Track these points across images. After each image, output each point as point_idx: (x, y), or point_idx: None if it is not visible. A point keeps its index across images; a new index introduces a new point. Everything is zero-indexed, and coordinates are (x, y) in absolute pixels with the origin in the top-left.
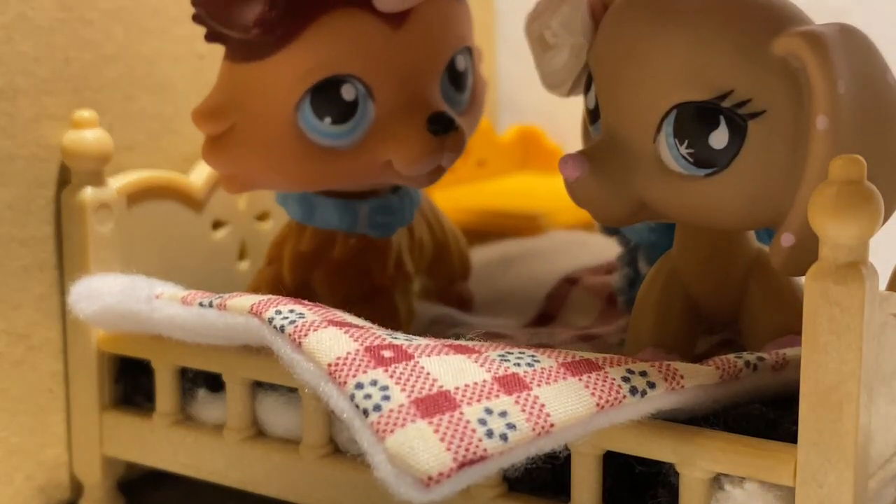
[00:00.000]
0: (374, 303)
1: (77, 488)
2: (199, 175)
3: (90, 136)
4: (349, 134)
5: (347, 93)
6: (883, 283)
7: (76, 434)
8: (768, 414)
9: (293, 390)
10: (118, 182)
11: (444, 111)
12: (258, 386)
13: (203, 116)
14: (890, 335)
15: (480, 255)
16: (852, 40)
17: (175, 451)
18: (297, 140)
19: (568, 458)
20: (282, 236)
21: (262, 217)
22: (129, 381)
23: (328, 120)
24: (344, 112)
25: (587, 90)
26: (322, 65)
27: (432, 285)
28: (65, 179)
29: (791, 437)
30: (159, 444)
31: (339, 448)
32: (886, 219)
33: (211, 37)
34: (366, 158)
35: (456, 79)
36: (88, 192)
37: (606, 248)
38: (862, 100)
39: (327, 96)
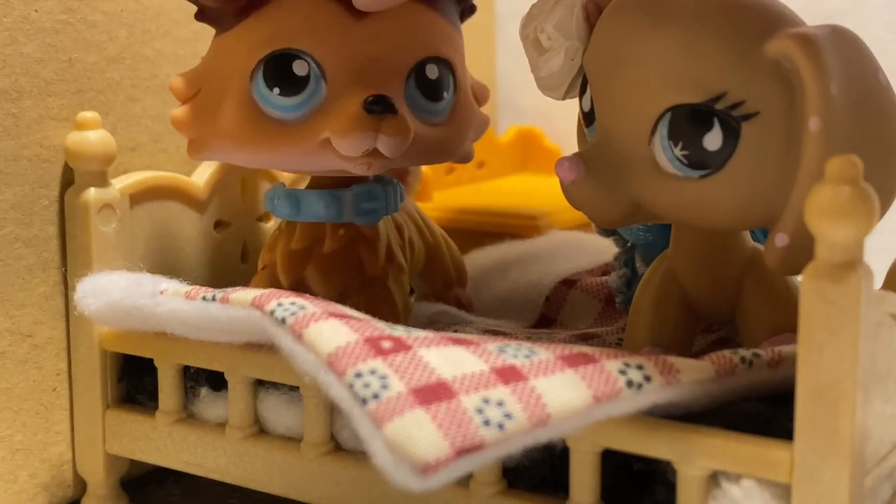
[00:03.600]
0: (369, 292)
1: (80, 486)
2: (202, 176)
3: (93, 137)
4: (297, 108)
5: (299, 68)
6: (878, 283)
7: (80, 432)
8: (765, 411)
9: (295, 389)
10: (121, 183)
11: (387, 95)
12: (260, 384)
13: (177, 81)
14: (885, 334)
15: (478, 261)
16: (844, 42)
17: (178, 449)
18: (249, 108)
19: (567, 455)
20: (273, 239)
21: (264, 218)
22: (132, 380)
23: (277, 90)
24: (293, 85)
25: (582, 93)
26: (277, 37)
27: (429, 290)
28: (68, 180)
29: (788, 434)
30: (162, 442)
31: (340, 446)
32: (880, 218)
33: (198, 15)
34: (308, 135)
35: (426, 86)
36: (92, 193)
37: (604, 249)
38: (854, 101)
39: (279, 68)
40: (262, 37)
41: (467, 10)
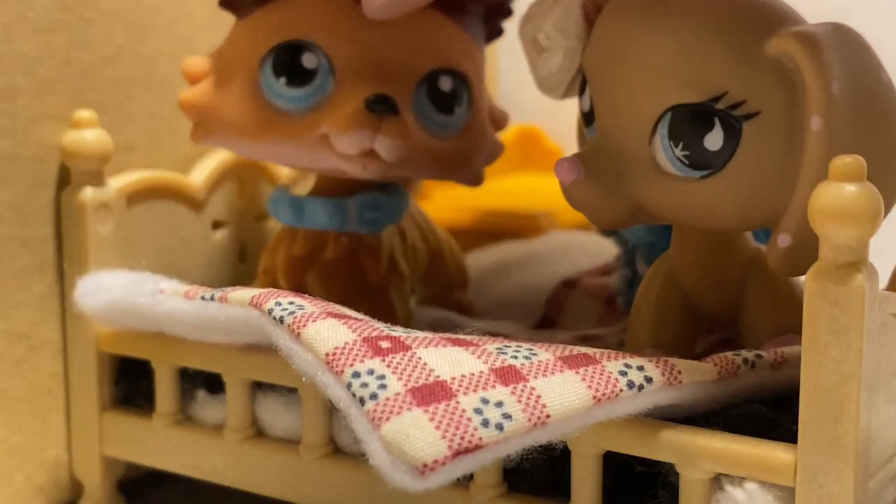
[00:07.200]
0: (370, 302)
1: (77, 488)
2: (199, 175)
3: (90, 136)
4: (302, 101)
5: (309, 61)
6: (883, 283)
7: (76, 434)
8: (768, 414)
9: (293, 391)
10: (118, 182)
11: (390, 95)
12: (258, 386)
13: (190, 61)
14: (890, 335)
15: (478, 263)
16: (845, 40)
17: (175, 452)
18: (254, 95)
19: (568, 457)
20: (274, 243)
21: (262, 217)
22: (129, 383)
23: (283, 80)
24: (300, 77)
25: (582, 93)
26: (290, 27)
27: (430, 294)
28: (65, 179)
29: (791, 437)
30: (159, 445)
31: (338, 448)
32: (884, 217)
33: (222, 1)
34: (308, 128)
35: (438, 98)
36: (88, 193)
37: (605, 249)
38: (856, 99)
39: (288, 58)
40: (275, 25)
41: (494, 32)
